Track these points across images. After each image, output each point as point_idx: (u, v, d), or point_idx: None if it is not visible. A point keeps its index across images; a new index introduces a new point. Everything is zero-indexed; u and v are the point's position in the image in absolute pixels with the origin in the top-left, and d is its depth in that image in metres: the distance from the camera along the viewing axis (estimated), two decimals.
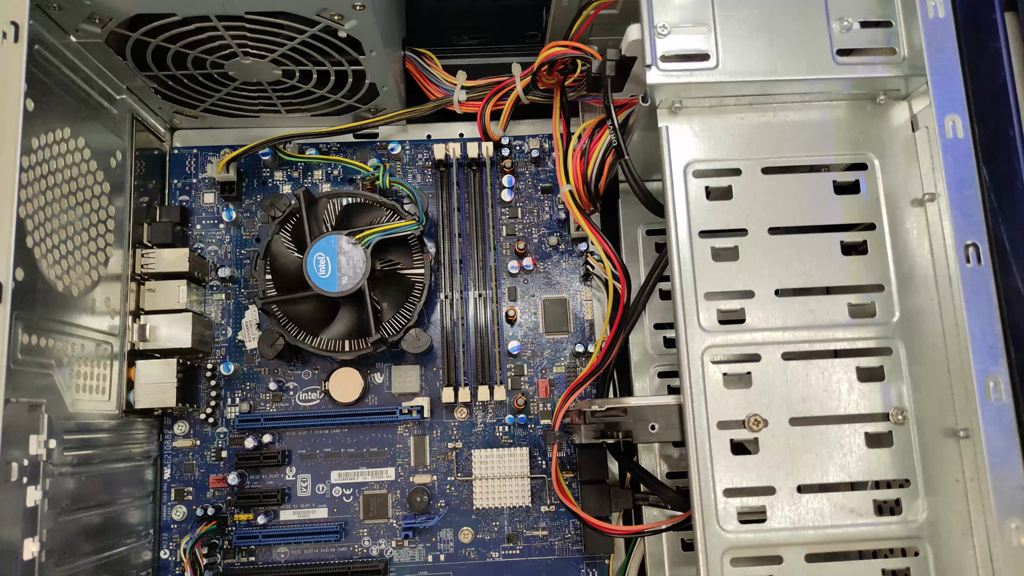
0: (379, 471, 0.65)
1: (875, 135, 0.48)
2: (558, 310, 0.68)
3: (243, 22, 0.52)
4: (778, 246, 0.47)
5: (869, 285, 0.47)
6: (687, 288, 0.45)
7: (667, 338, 0.63)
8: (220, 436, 0.66)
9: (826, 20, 0.47)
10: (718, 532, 0.43)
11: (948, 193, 0.44)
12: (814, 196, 0.47)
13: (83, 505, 0.52)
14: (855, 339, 0.46)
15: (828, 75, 0.47)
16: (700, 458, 0.43)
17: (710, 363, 0.45)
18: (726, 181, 0.47)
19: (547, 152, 0.70)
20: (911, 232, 0.47)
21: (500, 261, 0.68)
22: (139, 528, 0.61)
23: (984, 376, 0.42)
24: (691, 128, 0.48)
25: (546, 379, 0.67)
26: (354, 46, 0.55)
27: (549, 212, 0.69)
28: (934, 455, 0.44)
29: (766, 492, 0.44)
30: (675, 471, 0.61)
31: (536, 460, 0.65)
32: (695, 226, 0.46)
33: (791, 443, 0.44)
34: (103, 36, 0.53)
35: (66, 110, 0.52)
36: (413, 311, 0.62)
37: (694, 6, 0.47)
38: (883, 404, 0.45)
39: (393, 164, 0.70)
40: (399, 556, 0.64)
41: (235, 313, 0.67)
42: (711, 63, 0.46)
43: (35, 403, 0.46)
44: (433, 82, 0.66)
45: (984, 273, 0.43)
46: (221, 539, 0.64)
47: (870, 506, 0.44)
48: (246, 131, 0.69)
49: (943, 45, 0.45)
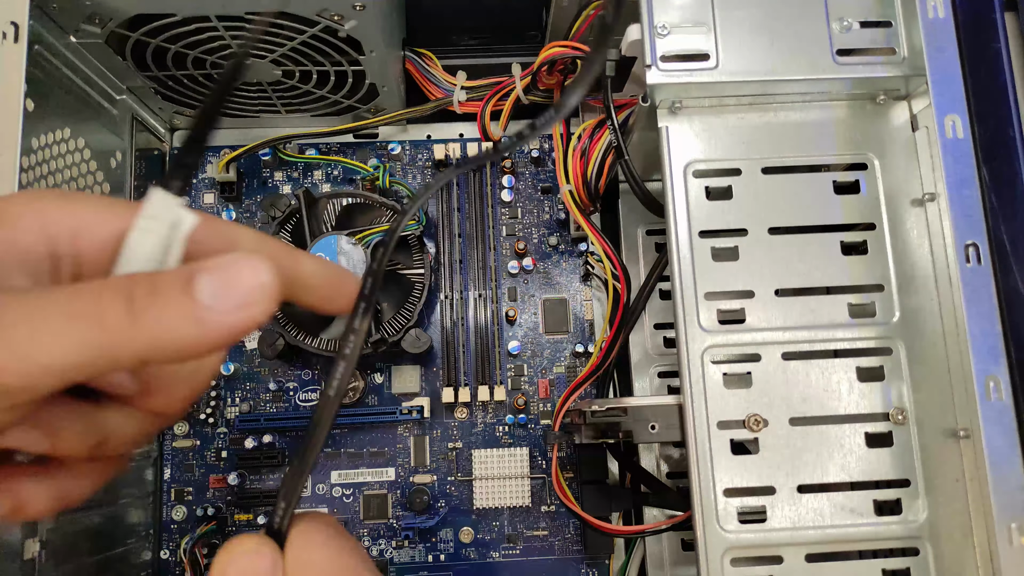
0: (379, 471, 0.65)
1: (875, 135, 0.48)
2: (558, 310, 0.68)
3: (243, 22, 0.52)
4: (778, 246, 0.47)
5: (869, 285, 0.47)
6: (687, 288, 0.45)
7: (667, 338, 0.63)
8: (220, 436, 0.66)
9: (826, 20, 0.47)
10: (718, 532, 0.43)
11: (948, 193, 0.44)
12: (814, 196, 0.47)
13: (83, 505, 0.52)
14: (855, 339, 0.46)
15: (828, 75, 0.47)
16: (700, 458, 0.43)
17: (710, 363, 0.45)
18: (726, 181, 0.47)
19: (547, 152, 0.70)
20: (911, 232, 0.47)
21: (500, 261, 0.68)
22: (139, 528, 0.61)
23: (984, 376, 0.42)
24: (691, 128, 0.48)
25: (546, 379, 0.67)
26: (354, 46, 0.55)
27: (549, 212, 0.69)
28: (934, 455, 0.44)
29: (766, 492, 0.44)
30: (675, 471, 0.61)
31: (536, 460, 0.65)
32: (695, 226, 0.46)
33: (791, 443, 0.44)
34: (103, 36, 0.53)
35: (66, 110, 0.52)
36: (413, 311, 0.62)
37: (694, 6, 0.47)
38: (883, 404, 0.45)
39: (393, 164, 0.70)
40: (399, 556, 0.64)
41: None
42: (711, 63, 0.46)
43: None
44: (433, 82, 0.66)
45: (984, 273, 0.43)
46: (221, 539, 0.64)
47: (870, 506, 0.44)
48: (246, 131, 0.69)
49: (943, 45, 0.45)
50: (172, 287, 0.23)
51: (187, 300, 0.23)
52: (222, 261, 0.23)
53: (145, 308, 0.22)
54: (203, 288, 0.23)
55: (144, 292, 0.23)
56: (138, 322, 0.22)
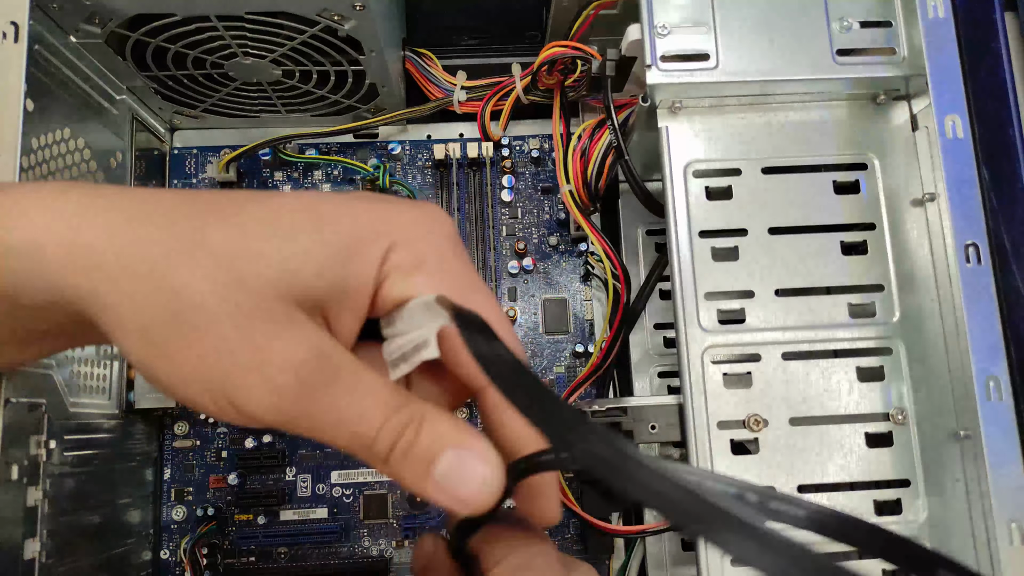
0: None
1: (875, 135, 0.48)
2: (558, 310, 0.68)
3: (243, 22, 0.52)
4: (778, 246, 0.47)
5: (869, 285, 0.47)
6: (687, 288, 0.45)
7: (667, 338, 0.63)
8: (220, 436, 0.66)
9: (826, 20, 0.47)
10: None
11: (948, 193, 0.44)
12: (814, 196, 0.47)
13: (83, 505, 0.52)
14: (855, 339, 0.46)
15: (828, 75, 0.47)
16: (700, 458, 0.43)
17: (710, 363, 0.45)
18: (726, 181, 0.47)
19: (547, 152, 0.70)
20: (911, 232, 0.47)
21: (500, 261, 0.68)
22: (139, 528, 0.61)
23: (984, 376, 0.42)
24: (691, 128, 0.48)
25: (546, 379, 0.67)
26: (354, 46, 0.55)
27: (549, 212, 0.69)
28: (934, 455, 0.44)
29: None
30: None
31: None
32: (695, 226, 0.46)
33: (791, 443, 0.44)
34: (103, 36, 0.53)
35: (66, 110, 0.52)
36: None
37: (694, 6, 0.47)
38: (883, 404, 0.45)
39: (393, 164, 0.70)
40: (399, 556, 0.64)
41: None
42: (711, 63, 0.46)
43: (35, 403, 0.46)
44: (433, 82, 0.66)
45: (984, 273, 0.43)
46: (221, 539, 0.64)
47: (870, 506, 0.44)
48: (246, 131, 0.69)
49: (943, 45, 0.45)
50: (423, 456, 0.27)
51: (425, 471, 0.27)
52: (463, 454, 0.27)
53: (397, 461, 0.27)
54: (440, 468, 0.27)
55: (403, 446, 0.27)
56: (386, 464, 0.28)
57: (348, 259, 0.28)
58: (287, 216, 0.28)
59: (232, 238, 0.27)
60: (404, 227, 0.30)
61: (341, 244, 0.28)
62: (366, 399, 0.28)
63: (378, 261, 0.29)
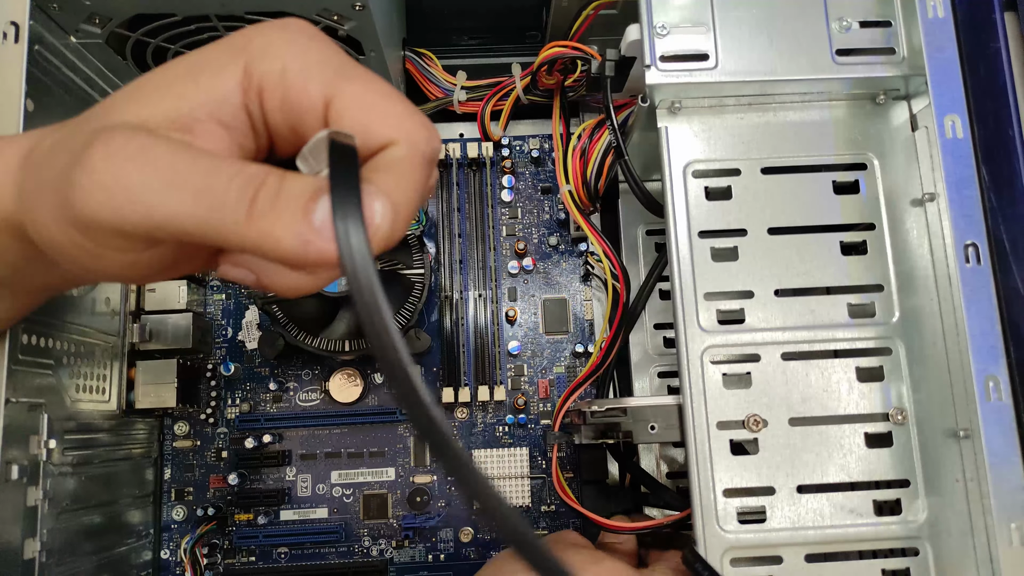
0: (379, 471, 0.65)
1: (875, 135, 0.48)
2: (558, 310, 0.68)
3: (243, 22, 0.52)
4: (778, 246, 0.47)
5: (869, 285, 0.47)
6: (687, 288, 0.45)
7: (667, 338, 0.63)
8: (220, 436, 0.66)
9: (825, 20, 0.47)
10: (718, 532, 0.43)
11: (948, 193, 0.44)
12: (814, 196, 0.47)
13: (83, 505, 0.52)
14: (855, 339, 0.46)
15: (828, 75, 0.47)
16: (700, 458, 0.43)
17: (710, 363, 0.45)
18: (726, 181, 0.47)
19: (547, 152, 0.70)
20: (911, 232, 0.47)
21: (500, 261, 0.68)
22: (139, 528, 0.61)
23: (984, 376, 0.42)
24: (691, 128, 0.48)
25: (546, 379, 0.67)
26: (354, 46, 0.55)
27: (549, 212, 0.69)
28: (934, 455, 0.44)
29: (766, 492, 0.44)
30: (675, 471, 0.61)
31: (536, 460, 0.65)
32: (695, 226, 0.46)
33: (791, 443, 0.44)
34: (103, 36, 0.53)
35: (66, 110, 0.52)
36: (413, 311, 0.63)
37: (694, 6, 0.47)
38: (883, 404, 0.45)
39: None
40: (399, 556, 0.64)
41: (235, 313, 0.67)
42: (710, 63, 0.46)
43: (35, 403, 0.46)
44: (433, 82, 0.66)
45: (984, 273, 0.43)
46: (221, 539, 0.64)
47: (870, 506, 0.44)
48: None
49: (943, 45, 0.45)
50: (295, 202, 0.24)
51: (302, 220, 0.23)
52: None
53: (262, 214, 0.24)
54: (322, 213, 0.23)
55: (268, 196, 0.24)
56: (250, 223, 0.24)
57: (197, 75, 0.29)
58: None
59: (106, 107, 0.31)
60: (260, 39, 0.30)
61: (192, 65, 0.30)
62: (201, 161, 0.25)
63: (233, 72, 0.29)
